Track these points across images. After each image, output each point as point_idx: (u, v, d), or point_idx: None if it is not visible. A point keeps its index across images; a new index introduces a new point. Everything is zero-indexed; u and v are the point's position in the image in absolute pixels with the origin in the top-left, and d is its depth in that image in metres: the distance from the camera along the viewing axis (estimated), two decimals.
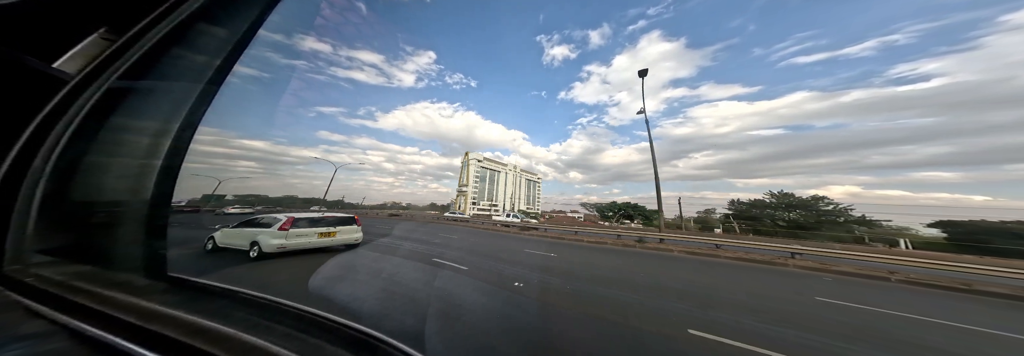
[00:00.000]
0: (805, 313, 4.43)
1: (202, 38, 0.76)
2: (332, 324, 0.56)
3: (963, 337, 3.86)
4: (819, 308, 4.74)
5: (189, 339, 0.52)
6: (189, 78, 0.79)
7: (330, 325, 0.56)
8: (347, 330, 0.55)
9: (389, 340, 0.53)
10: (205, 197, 56.05)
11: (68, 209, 0.73)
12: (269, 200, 77.27)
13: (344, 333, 0.54)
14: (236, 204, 34.27)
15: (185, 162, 0.79)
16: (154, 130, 0.79)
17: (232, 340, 0.52)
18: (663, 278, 6.51)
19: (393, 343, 0.52)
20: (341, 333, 0.55)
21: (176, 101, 0.79)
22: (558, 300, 4.32)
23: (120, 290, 0.61)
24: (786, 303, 4.96)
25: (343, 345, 0.51)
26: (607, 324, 3.51)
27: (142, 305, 0.59)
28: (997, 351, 3.59)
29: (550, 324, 3.48)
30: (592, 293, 4.78)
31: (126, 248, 0.74)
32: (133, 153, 0.79)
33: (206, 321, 0.55)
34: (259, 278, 4.91)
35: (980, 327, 4.21)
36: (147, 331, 0.53)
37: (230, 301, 0.65)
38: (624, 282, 5.83)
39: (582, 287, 5.11)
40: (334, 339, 0.52)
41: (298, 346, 0.50)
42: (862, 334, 3.66)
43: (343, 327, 0.55)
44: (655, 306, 4.27)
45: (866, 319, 4.30)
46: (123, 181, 0.78)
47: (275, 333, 0.53)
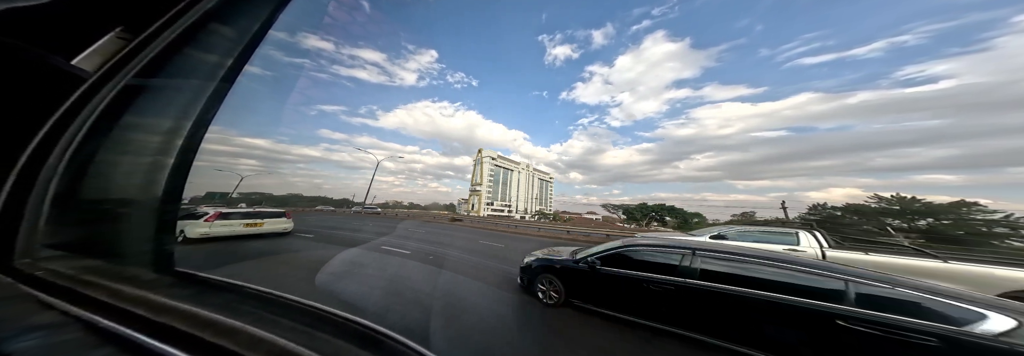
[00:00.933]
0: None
1: (214, 37, 0.78)
2: (338, 319, 0.57)
3: None
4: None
5: (197, 331, 0.53)
6: (201, 77, 0.81)
7: (336, 320, 0.57)
8: (353, 325, 0.56)
9: (394, 335, 0.54)
10: (208, 194, 55.59)
11: (80, 205, 0.74)
12: (274, 198, 76.45)
13: (350, 328, 0.55)
14: (242, 203, 34.36)
15: (202, 162, 0.81)
16: (166, 128, 0.81)
17: (240, 333, 0.53)
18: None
19: (398, 338, 0.53)
20: (347, 328, 0.55)
21: (188, 99, 0.81)
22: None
23: (129, 284, 0.63)
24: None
25: (349, 339, 0.52)
26: None
27: (151, 298, 0.60)
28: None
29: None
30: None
31: (135, 243, 0.75)
32: (145, 151, 0.80)
33: (214, 314, 0.56)
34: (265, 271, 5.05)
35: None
36: (157, 323, 0.54)
37: (236, 295, 0.66)
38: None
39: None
40: (340, 333, 0.53)
41: (305, 339, 0.51)
42: None
43: (349, 322, 0.56)
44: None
45: None
46: (134, 178, 0.79)
47: (281, 327, 0.54)
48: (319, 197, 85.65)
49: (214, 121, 0.85)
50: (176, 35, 0.78)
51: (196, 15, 0.78)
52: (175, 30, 0.78)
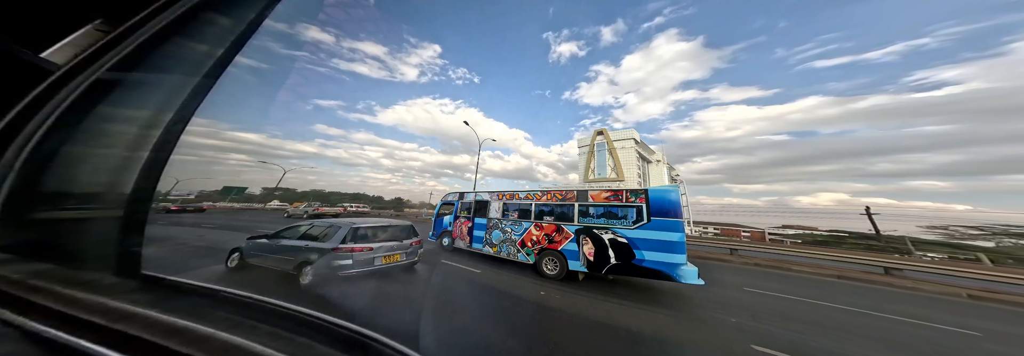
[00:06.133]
0: None
1: (204, 29, 0.76)
2: (322, 323, 0.53)
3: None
4: None
5: (161, 340, 0.47)
6: (185, 70, 0.77)
7: (320, 324, 0.53)
8: (338, 329, 0.52)
9: (382, 339, 0.50)
10: (226, 188, 44.90)
11: (37, 204, 0.68)
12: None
13: (335, 332, 0.51)
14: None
15: (181, 155, 0.76)
16: (141, 123, 0.76)
17: (211, 340, 0.48)
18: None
19: (386, 342, 0.50)
20: (332, 332, 0.51)
21: (169, 94, 0.77)
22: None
23: (85, 289, 0.56)
24: None
25: (333, 344, 0.48)
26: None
27: (109, 304, 0.54)
28: None
29: None
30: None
31: (98, 245, 0.69)
32: (116, 147, 0.75)
33: (182, 321, 0.51)
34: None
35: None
36: (114, 331, 0.49)
37: (210, 300, 0.60)
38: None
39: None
40: (324, 338, 0.49)
41: (284, 345, 0.47)
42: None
43: (334, 326, 0.52)
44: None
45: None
46: (100, 175, 0.74)
47: (259, 332, 0.49)
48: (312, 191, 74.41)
49: (205, 114, 0.80)
50: (160, 27, 0.75)
51: (185, 6, 0.75)
52: (160, 22, 0.75)
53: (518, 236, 6.86)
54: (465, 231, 8.20)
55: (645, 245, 5.13)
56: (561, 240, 6.09)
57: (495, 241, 7.35)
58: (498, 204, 7.69)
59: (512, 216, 7.31)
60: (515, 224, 7.07)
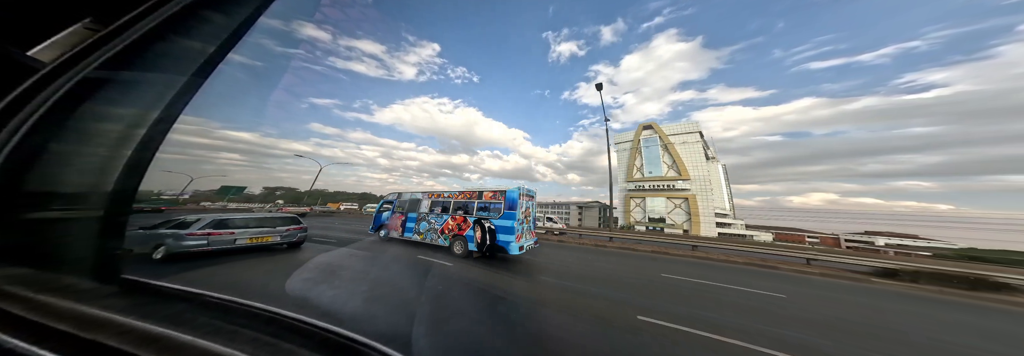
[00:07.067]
0: None
1: (198, 27, 0.74)
2: (309, 328, 0.49)
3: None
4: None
5: (136, 349, 0.44)
6: (177, 68, 0.75)
7: (306, 329, 0.49)
8: (325, 334, 0.48)
9: (372, 343, 0.47)
10: (223, 188, 44.16)
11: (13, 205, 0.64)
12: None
13: (322, 337, 0.48)
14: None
15: (172, 154, 0.73)
16: (128, 122, 0.73)
17: (189, 348, 0.44)
18: None
19: (376, 346, 0.46)
20: (319, 337, 0.48)
21: (160, 93, 0.75)
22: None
23: (58, 295, 0.53)
24: None
25: (320, 350, 0.45)
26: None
27: (81, 311, 0.50)
28: None
29: None
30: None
31: (75, 249, 0.65)
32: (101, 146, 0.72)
33: (159, 328, 0.48)
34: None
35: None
36: (84, 340, 0.45)
37: (191, 305, 0.57)
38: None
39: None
40: (310, 343, 0.46)
41: (268, 352, 0.43)
42: None
43: (321, 331, 0.49)
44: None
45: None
46: (82, 175, 0.71)
47: (241, 339, 0.46)
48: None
49: (201, 114, 0.78)
50: (153, 25, 0.74)
51: (180, 4, 0.74)
52: (153, 20, 0.74)
53: (439, 225, 8.89)
54: (398, 223, 10.20)
55: (500, 230, 7.29)
56: (466, 228, 8.02)
57: (422, 230, 9.40)
58: (427, 201, 9.70)
59: (437, 211, 9.31)
60: (438, 216, 9.09)
